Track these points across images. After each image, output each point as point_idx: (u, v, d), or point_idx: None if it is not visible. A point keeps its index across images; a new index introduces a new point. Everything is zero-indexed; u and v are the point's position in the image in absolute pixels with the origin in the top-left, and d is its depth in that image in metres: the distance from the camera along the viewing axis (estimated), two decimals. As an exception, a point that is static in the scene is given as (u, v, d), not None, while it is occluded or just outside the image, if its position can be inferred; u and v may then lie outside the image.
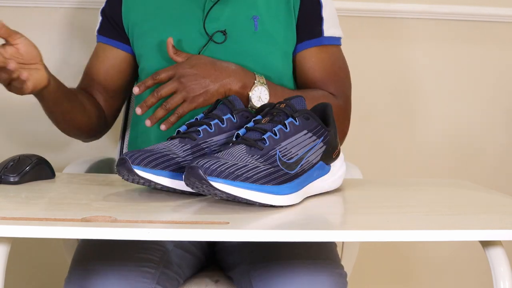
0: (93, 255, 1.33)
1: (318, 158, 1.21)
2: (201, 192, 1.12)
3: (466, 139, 2.33)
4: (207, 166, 1.08)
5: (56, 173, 1.39)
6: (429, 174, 2.30)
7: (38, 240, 2.05)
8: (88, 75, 1.67)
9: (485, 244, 1.12)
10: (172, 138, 1.26)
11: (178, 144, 1.23)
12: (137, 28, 1.62)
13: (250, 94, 1.48)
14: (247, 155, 1.13)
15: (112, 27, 1.65)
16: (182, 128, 1.27)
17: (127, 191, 1.24)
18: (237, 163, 1.11)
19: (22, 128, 2.18)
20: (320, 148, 1.21)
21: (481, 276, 2.33)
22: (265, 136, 1.16)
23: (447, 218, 1.12)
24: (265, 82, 1.50)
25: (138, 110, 1.45)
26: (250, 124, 1.20)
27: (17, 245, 1.20)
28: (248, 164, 1.11)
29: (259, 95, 1.48)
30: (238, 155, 1.13)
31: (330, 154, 1.24)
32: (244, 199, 1.10)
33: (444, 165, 2.32)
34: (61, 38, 2.16)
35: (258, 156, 1.14)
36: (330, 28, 1.61)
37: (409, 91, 2.30)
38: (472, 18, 2.27)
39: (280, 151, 1.15)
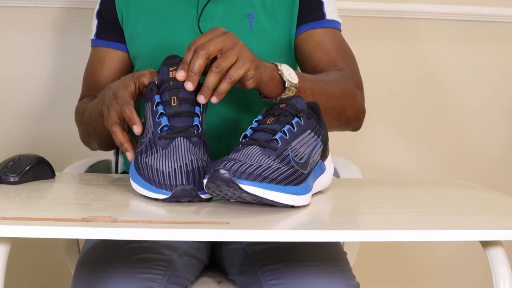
0: (96, 269, 1.29)
1: (319, 157, 1.21)
2: (219, 196, 1.11)
3: (466, 139, 2.33)
4: (235, 168, 1.05)
5: (56, 173, 1.39)
6: (429, 174, 2.30)
7: (38, 240, 2.04)
8: (95, 83, 1.61)
9: (485, 244, 1.12)
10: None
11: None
12: (130, 29, 1.59)
13: (280, 69, 1.33)
14: (263, 156, 1.11)
15: (111, 28, 1.61)
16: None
17: (127, 191, 1.24)
18: (262, 165, 1.08)
19: (22, 128, 2.18)
20: (320, 147, 1.21)
21: (481, 276, 2.33)
22: (276, 137, 1.14)
23: (447, 218, 1.11)
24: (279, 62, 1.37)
25: (202, 98, 1.22)
26: (254, 125, 1.19)
27: (17, 245, 1.20)
28: (271, 166, 1.09)
29: (288, 72, 1.35)
30: (254, 156, 1.11)
31: (325, 153, 1.24)
32: (270, 200, 1.08)
33: (444, 165, 2.33)
34: (62, 38, 2.16)
35: (274, 157, 1.12)
36: (332, 13, 1.57)
37: (409, 91, 2.30)
38: (473, 18, 2.27)
39: (291, 151, 1.14)
